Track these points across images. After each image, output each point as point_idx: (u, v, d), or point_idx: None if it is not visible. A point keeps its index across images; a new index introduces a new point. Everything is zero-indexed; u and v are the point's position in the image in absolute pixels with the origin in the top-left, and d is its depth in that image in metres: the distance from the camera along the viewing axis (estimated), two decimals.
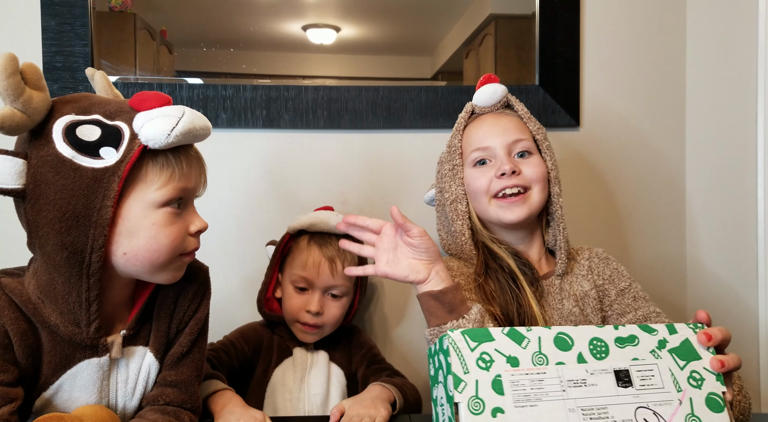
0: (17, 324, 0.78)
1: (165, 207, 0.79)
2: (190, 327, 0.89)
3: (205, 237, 1.20)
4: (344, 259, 1.15)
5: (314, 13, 1.34)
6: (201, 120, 0.81)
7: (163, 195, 0.79)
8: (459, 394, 0.64)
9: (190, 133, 0.78)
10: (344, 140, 1.35)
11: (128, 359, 0.85)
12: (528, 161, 1.02)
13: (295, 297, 1.15)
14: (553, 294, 1.03)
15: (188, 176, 0.82)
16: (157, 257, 0.80)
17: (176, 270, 0.84)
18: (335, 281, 1.14)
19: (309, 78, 1.35)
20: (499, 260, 1.03)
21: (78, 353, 0.81)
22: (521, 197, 1.00)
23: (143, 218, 0.78)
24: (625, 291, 1.04)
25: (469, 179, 1.04)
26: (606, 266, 1.07)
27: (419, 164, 1.36)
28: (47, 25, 1.26)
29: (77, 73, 1.27)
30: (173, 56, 1.33)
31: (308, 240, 1.17)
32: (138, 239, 0.78)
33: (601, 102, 1.40)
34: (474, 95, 1.09)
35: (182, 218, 0.83)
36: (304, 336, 1.15)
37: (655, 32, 1.41)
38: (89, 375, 0.82)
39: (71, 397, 0.82)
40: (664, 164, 1.43)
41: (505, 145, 1.02)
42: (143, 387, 0.87)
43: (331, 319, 1.15)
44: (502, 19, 1.38)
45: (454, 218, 1.06)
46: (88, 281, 0.76)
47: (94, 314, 0.78)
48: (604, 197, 1.41)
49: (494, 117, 1.07)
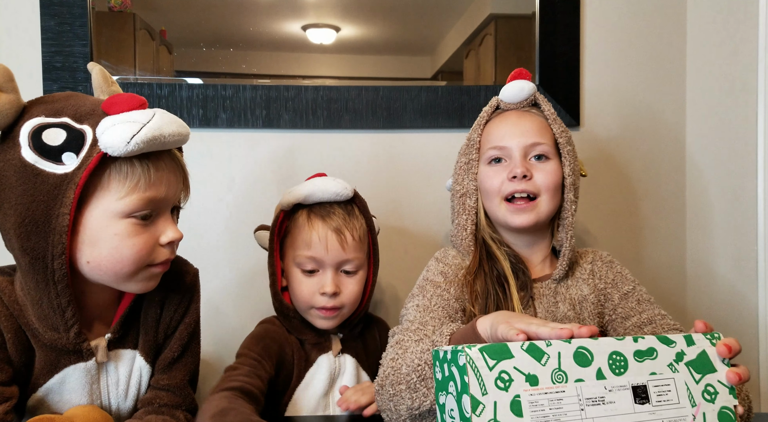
0: (10, 321, 0.77)
1: (129, 218, 0.76)
2: (179, 332, 0.87)
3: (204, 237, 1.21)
4: (353, 228, 1.03)
5: (314, 12, 1.34)
6: (171, 126, 0.75)
7: (126, 205, 0.75)
8: (477, 418, 0.61)
9: (155, 140, 0.73)
10: (344, 140, 1.35)
11: (116, 362, 0.84)
12: (542, 167, 1.00)
13: (304, 282, 1.03)
14: (548, 297, 1.02)
15: (157, 185, 0.77)
16: (120, 268, 0.77)
17: (146, 281, 0.80)
18: (347, 255, 1.03)
19: (309, 78, 1.35)
20: (493, 262, 1.02)
21: (63, 358, 0.80)
22: (530, 203, 0.99)
23: (105, 228, 0.75)
24: (629, 295, 1.03)
25: (482, 176, 1.03)
26: (609, 270, 1.06)
27: (419, 164, 1.36)
28: (46, 25, 1.26)
29: (77, 73, 1.26)
30: (173, 56, 1.33)
31: (307, 214, 1.04)
32: (100, 249, 0.75)
33: (601, 102, 1.40)
34: (501, 90, 1.06)
35: (151, 228, 0.78)
36: (323, 322, 1.04)
37: (655, 32, 1.41)
38: (77, 379, 0.81)
39: (62, 399, 0.82)
40: (664, 163, 1.43)
41: (522, 146, 1.00)
42: (136, 390, 0.86)
43: (350, 298, 1.04)
44: (502, 18, 1.38)
45: (460, 212, 1.06)
46: (56, 287, 0.74)
47: (70, 319, 0.77)
48: (604, 197, 1.41)
49: (517, 116, 1.04)
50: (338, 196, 1.04)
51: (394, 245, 1.35)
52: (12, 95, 0.74)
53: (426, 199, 1.36)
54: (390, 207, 1.36)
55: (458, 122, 1.34)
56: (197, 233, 1.31)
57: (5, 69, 0.74)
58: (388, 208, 1.36)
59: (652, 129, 1.42)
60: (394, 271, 1.35)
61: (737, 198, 1.39)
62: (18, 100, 0.75)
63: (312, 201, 1.05)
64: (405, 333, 0.91)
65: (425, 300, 0.99)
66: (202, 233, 1.32)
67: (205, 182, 1.31)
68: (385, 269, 1.30)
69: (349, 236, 1.02)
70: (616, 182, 1.41)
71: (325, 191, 1.03)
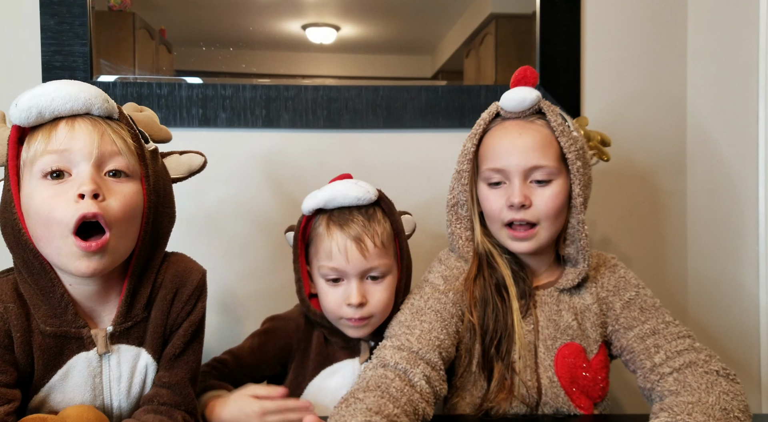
0: (20, 320, 0.79)
1: (44, 179, 0.76)
2: (183, 329, 0.88)
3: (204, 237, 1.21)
4: (374, 233, 0.98)
5: (314, 12, 1.34)
6: (55, 85, 0.77)
7: (34, 167, 0.76)
8: None
9: (36, 98, 0.75)
10: (344, 140, 1.35)
11: (119, 357, 0.84)
12: (543, 192, 0.93)
13: (330, 293, 0.99)
14: (550, 305, 0.99)
15: (60, 142, 0.76)
16: (48, 237, 0.76)
17: (75, 259, 0.76)
18: (370, 263, 0.98)
19: (308, 77, 1.35)
20: (493, 269, 0.99)
21: (66, 348, 0.81)
22: (530, 231, 0.94)
23: (30, 197, 0.76)
24: (631, 303, 0.99)
25: (482, 197, 0.98)
26: (612, 276, 1.02)
27: (419, 164, 1.36)
28: (46, 25, 1.26)
29: (76, 73, 1.26)
30: (172, 56, 1.32)
31: (327, 222, 1.00)
32: (33, 220, 0.76)
33: (601, 101, 1.40)
34: (502, 96, 0.96)
35: (65, 185, 0.76)
36: (353, 331, 1.00)
37: (655, 32, 1.41)
38: (80, 372, 0.82)
39: (65, 398, 0.82)
40: (665, 163, 1.42)
41: (521, 170, 0.93)
42: (139, 388, 0.86)
43: (378, 307, 0.99)
44: (503, 18, 1.38)
45: (453, 221, 1.03)
46: (37, 266, 0.78)
47: (62, 299, 0.79)
48: (605, 197, 1.41)
49: (518, 129, 0.95)
50: (360, 201, 0.99)
51: None
52: None
53: (426, 199, 1.36)
54: None
55: (458, 121, 1.34)
56: (197, 233, 1.30)
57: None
58: None
59: (653, 129, 1.42)
60: None
61: (738, 198, 1.39)
62: None
63: (333, 206, 1.00)
64: (382, 349, 0.92)
65: (420, 301, 0.97)
66: (201, 233, 1.31)
67: (205, 182, 1.31)
68: None
69: (370, 244, 0.97)
70: (616, 181, 1.41)
71: (347, 196, 0.99)
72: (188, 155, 0.96)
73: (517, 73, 0.97)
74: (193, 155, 0.97)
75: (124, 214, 0.78)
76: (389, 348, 0.91)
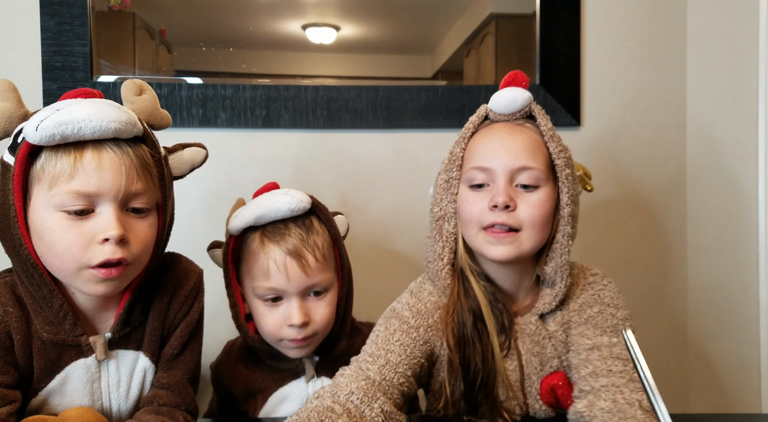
0: (20, 322, 0.78)
1: (62, 212, 0.72)
2: (180, 330, 0.87)
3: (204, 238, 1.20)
4: (314, 246, 0.91)
5: (314, 12, 1.34)
6: (83, 111, 0.71)
7: (54, 198, 0.72)
8: None
9: (64, 125, 0.70)
10: (344, 140, 1.35)
11: (117, 363, 0.84)
12: (529, 197, 0.85)
13: (268, 314, 0.92)
14: (532, 336, 0.90)
15: (87, 178, 0.72)
16: (59, 265, 0.74)
17: (92, 283, 0.75)
18: (312, 280, 0.91)
19: (308, 78, 1.35)
20: (470, 299, 0.89)
21: (64, 355, 0.81)
22: (510, 234, 0.84)
23: (43, 220, 0.73)
24: (589, 320, 0.89)
25: (461, 200, 0.89)
26: (582, 294, 0.92)
27: (419, 164, 1.36)
28: (46, 25, 1.26)
29: (76, 73, 1.26)
30: (172, 56, 1.32)
31: (260, 238, 0.92)
32: (43, 243, 0.74)
33: (601, 101, 1.40)
34: (492, 97, 0.91)
35: (87, 224, 0.73)
36: (295, 352, 0.94)
37: (655, 32, 1.41)
38: (78, 378, 0.82)
39: (63, 401, 0.82)
40: (665, 163, 1.42)
41: (508, 170, 0.85)
42: (138, 390, 0.86)
43: (322, 324, 0.93)
44: (503, 18, 1.38)
45: (437, 238, 0.92)
46: (36, 277, 0.76)
47: (61, 309, 0.78)
48: (605, 197, 1.41)
49: (507, 130, 0.89)
50: (293, 212, 0.91)
51: (394, 246, 1.35)
52: (7, 104, 0.76)
53: (427, 199, 1.35)
54: (390, 207, 1.36)
55: (458, 121, 1.34)
56: (197, 234, 1.30)
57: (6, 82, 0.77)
58: (388, 208, 1.36)
59: (653, 128, 1.42)
60: (395, 272, 1.34)
61: (738, 198, 1.39)
62: (8, 110, 0.77)
63: (264, 222, 0.93)
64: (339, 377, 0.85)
65: (387, 333, 0.89)
66: (201, 234, 1.31)
67: (205, 182, 1.31)
68: (386, 270, 1.30)
69: (311, 258, 0.90)
70: (616, 181, 1.41)
71: (278, 209, 0.91)
72: (191, 150, 0.92)
73: (507, 76, 0.92)
74: (196, 150, 0.93)
75: (144, 249, 0.78)
76: (347, 376, 0.84)
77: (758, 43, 1.35)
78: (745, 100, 1.37)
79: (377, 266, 1.35)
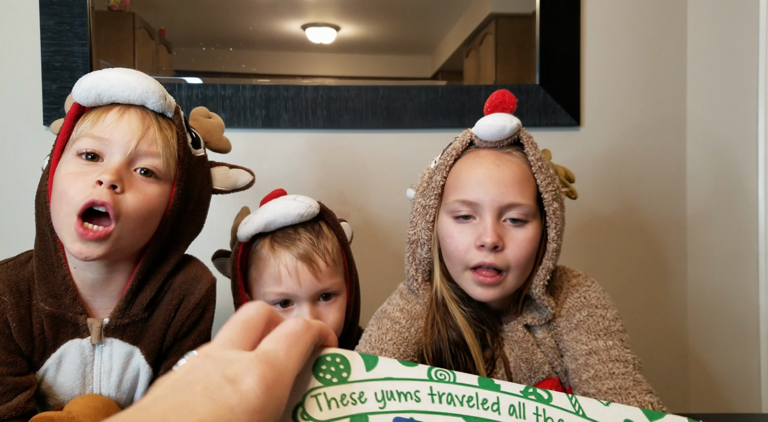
0: (16, 310, 0.79)
1: (78, 157, 0.77)
2: (192, 340, 0.87)
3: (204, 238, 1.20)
4: (324, 251, 0.91)
5: (314, 12, 1.34)
6: (118, 74, 0.79)
7: (74, 144, 0.78)
8: None
9: (99, 81, 0.78)
10: (344, 140, 1.35)
11: (111, 350, 0.84)
12: (515, 235, 0.81)
13: None
14: (518, 342, 0.87)
15: (103, 128, 0.77)
16: (57, 209, 0.76)
17: (71, 238, 0.75)
18: (323, 284, 0.92)
19: (308, 77, 1.35)
20: (450, 328, 0.85)
21: (61, 332, 0.82)
22: (497, 277, 0.81)
23: (60, 167, 0.78)
24: (579, 325, 0.85)
25: (444, 233, 0.84)
26: (567, 299, 0.88)
27: (419, 164, 1.35)
28: (46, 25, 1.26)
29: (76, 73, 1.26)
30: (172, 56, 1.32)
31: (270, 244, 0.93)
32: (54, 191, 0.78)
33: (601, 102, 1.40)
34: (477, 123, 0.85)
35: (92, 169, 0.76)
36: None
37: (655, 32, 1.41)
38: (72, 358, 0.82)
39: (56, 383, 0.83)
40: (665, 163, 1.42)
41: (497, 206, 0.80)
42: (130, 384, 0.86)
43: (333, 329, 0.90)
44: (503, 18, 1.38)
45: (410, 260, 0.90)
46: (49, 238, 0.79)
47: (64, 282, 0.80)
48: (605, 197, 1.41)
49: (494, 159, 0.83)
50: (303, 218, 0.92)
51: (394, 246, 1.35)
52: None
53: None
54: (390, 208, 1.36)
55: (458, 121, 1.34)
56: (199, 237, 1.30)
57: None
58: (388, 208, 1.35)
59: (653, 128, 1.42)
60: (395, 273, 1.34)
61: (738, 197, 1.39)
62: None
63: (274, 228, 0.93)
64: None
65: (379, 332, 0.87)
66: (201, 234, 1.31)
67: None
68: (386, 270, 1.30)
69: (322, 263, 0.91)
70: (616, 181, 1.41)
71: (287, 215, 0.91)
72: (237, 170, 0.95)
73: (494, 97, 0.85)
74: (242, 172, 0.95)
75: (139, 211, 0.77)
76: None
77: (758, 43, 1.35)
78: (745, 101, 1.37)
79: (377, 266, 1.35)
